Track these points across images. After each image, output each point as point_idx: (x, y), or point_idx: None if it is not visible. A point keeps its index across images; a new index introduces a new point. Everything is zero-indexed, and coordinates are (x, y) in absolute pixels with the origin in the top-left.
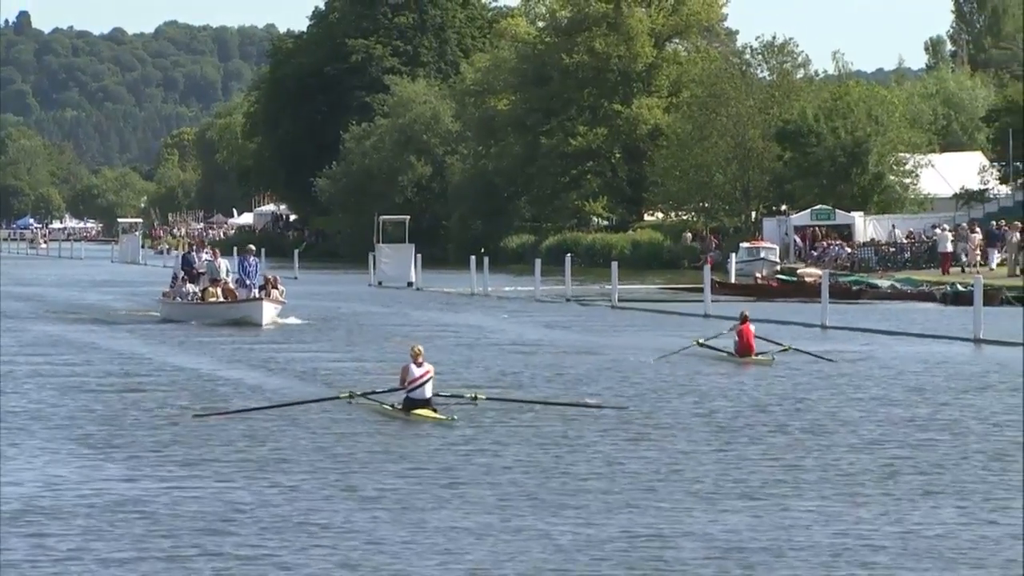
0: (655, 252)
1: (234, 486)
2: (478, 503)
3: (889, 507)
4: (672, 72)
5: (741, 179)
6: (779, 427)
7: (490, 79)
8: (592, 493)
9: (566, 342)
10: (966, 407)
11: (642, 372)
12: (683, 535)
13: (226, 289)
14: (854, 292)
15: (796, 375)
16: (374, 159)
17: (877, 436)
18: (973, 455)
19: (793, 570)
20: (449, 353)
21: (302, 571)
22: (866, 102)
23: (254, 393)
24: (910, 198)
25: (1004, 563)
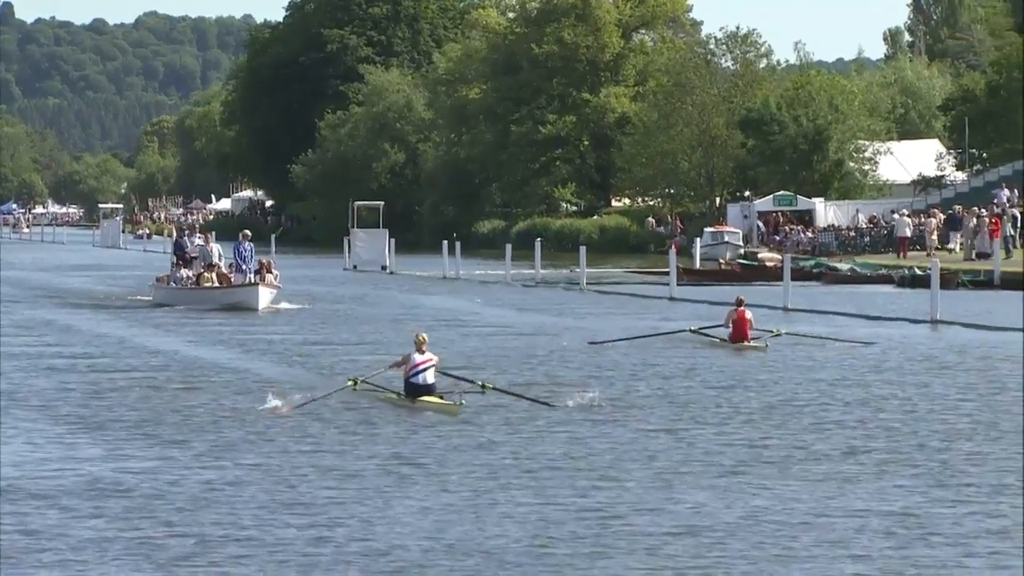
0: (622, 237)
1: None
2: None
3: (847, 485)
4: (639, 62)
5: (705, 166)
6: (767, 409)
7: (462, 68)
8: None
9: (538, 324)
10: (923, 387)
11: (637, 359)
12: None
13: (220, 274)
14: (815, 275)
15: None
16: (349, 146)
17: (840, 417)
18: (935, 435)
19: (756, 546)
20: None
21: (288, 549)
22: (827, 91)
23: (259, 378)
24: (869, 184)
25: (958, 537)
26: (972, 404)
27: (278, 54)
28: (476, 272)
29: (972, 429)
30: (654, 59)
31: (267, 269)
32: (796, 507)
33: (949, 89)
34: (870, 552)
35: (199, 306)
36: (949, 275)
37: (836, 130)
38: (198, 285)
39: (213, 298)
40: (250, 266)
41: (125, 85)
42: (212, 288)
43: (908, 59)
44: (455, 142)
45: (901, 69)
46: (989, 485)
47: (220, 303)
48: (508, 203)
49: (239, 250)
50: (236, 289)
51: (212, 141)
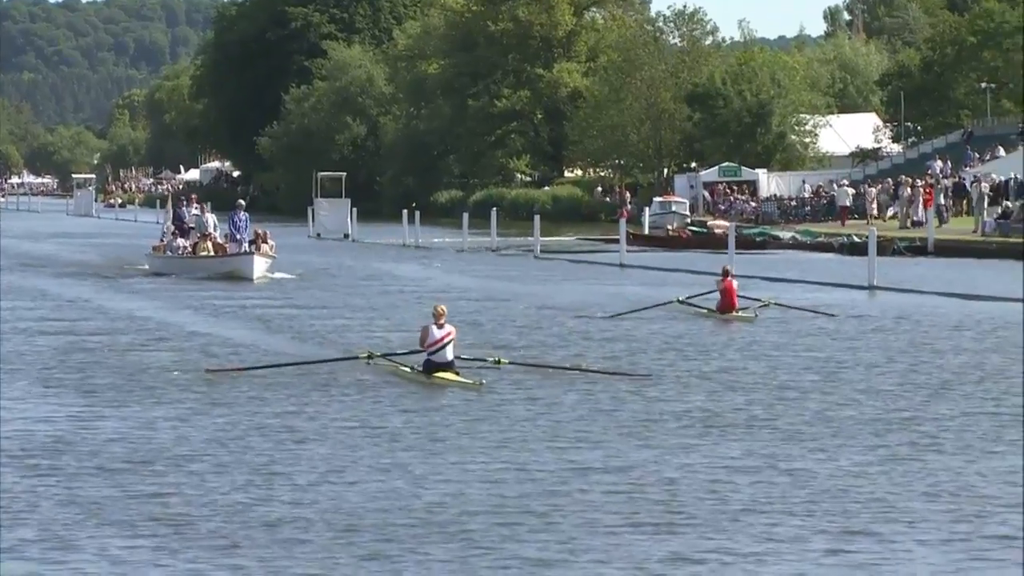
0: (575, 206)
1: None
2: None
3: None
4: (590, 39)
5: (654, 138)
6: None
7: (421, 45)
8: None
9: (509, 292)
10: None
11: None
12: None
13: (216, 243)
14: (758, 243)
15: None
16: (312, 119)
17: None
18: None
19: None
20: (393, 301)
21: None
22: (769, 67)
23: (260, 351)
24: (810, 156)
25: (876, 505)
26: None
27: (244, 31)
28: (434, 240)
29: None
30: (605, 36)
31: (263, 239)
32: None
33: (886, 65)
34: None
35: (195, 275)
36: (885, 242)
37: (778, 104)
38: (194, 254)
39: (208, 267)
40: (245, 236)
41: (97, 60)
42: (208, 257)
43: (847, 36)
44: (414, 116)
45: (840, 46)
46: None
47: (215, 272)
48: (465, 174)
49: (234, 220)
50: (231, 258)
51: (181, 114)
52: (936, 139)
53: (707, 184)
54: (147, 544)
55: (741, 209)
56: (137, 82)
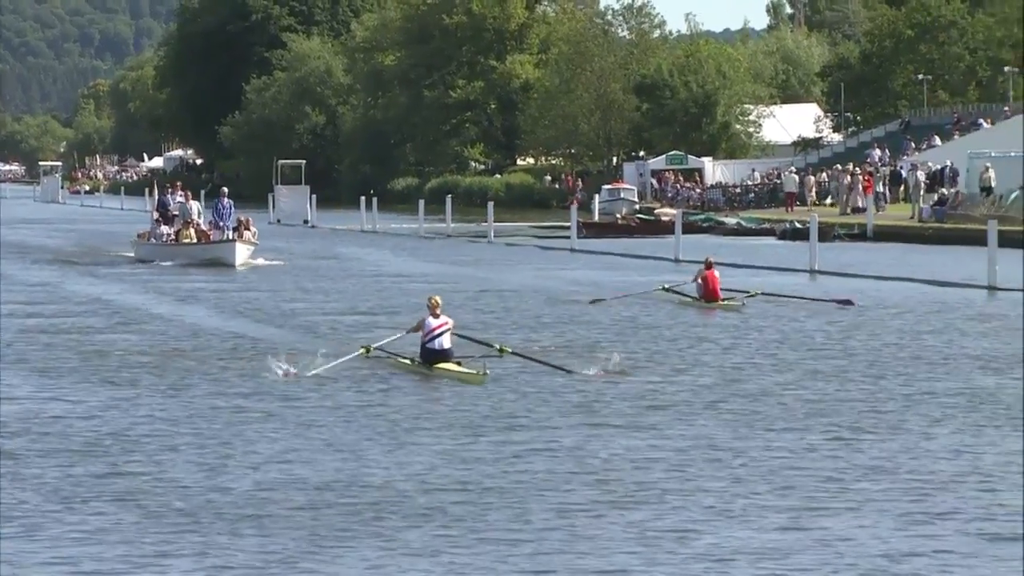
0: (527, 193)
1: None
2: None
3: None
4: (542, 31)
5: (603, 128)
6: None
7: (378, 37)
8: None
9: (475, 278)
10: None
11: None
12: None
13: (199, 230)
14: (704, 229)
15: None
16: (273, 109)
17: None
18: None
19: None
20: (363, 286)
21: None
22: (715, 59)
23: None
24: (754, 145)
25: (835, 492)
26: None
27: (207, 23)
28: (392, 226)
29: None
30: (556, 29)
31: (245, 226)
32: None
33: (826, 57)
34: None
35: (178, 261)
36: (826, 228)
37: (723, 95)
38: (177, 241)
39: (192, 254)
40: (228, 223)
41: (63, 51)
42: (191, 244)
43: (789, 29)
44: (372, 105)
45: (782, 39)
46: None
47: (198, 258)
48: (421, 162)
49: (218, 207)
50: (214, 245)
51: (145, 104)
52: (875, 129)
53: (655, 172)
54: (111, 524)
55: (687, 196)
56: (102, 72)
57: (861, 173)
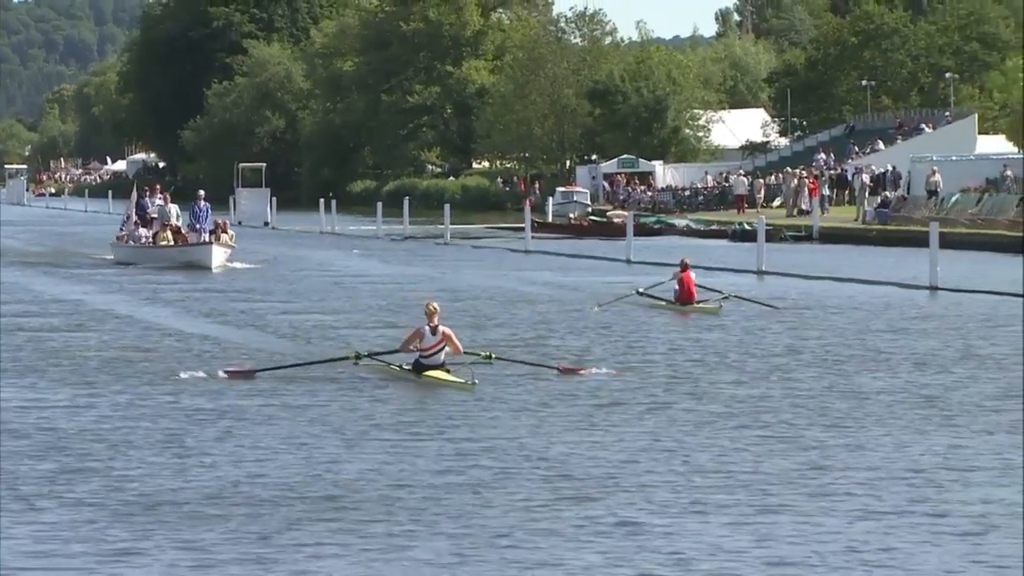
0: (483, 196)
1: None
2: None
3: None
4: (497, 38)
5: (557, 132)
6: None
7: (337, 43)
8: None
9: (427, 277)
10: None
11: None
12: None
13: (176, 233)
14: (655, 230)
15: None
16: (234, 113)
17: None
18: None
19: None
20: (327, 289)
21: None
22: (665, 65)
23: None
24: (703, 149)
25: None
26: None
27: (169, 29)
28: (350, 228)
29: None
30: (510, 36)
31: (223, 229)
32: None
33: (773, 64)
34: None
35: (156, 264)
36: (773, 230)
37: (673, 100)
38: (155, 244)
39: (169, 256)
40: (205, 225)
41: (28, 57)
42: (168, 247)
43: (737, 37)
44: (331, 110)
45: (731, 46)
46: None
47: (176, 261)
48: (379, 165)
49: (195, 210)
50: (191, 248)
51: (108, 108)
52: (820, 133)
53: (607, 175)
54: (68, 520)
55: (639, 199)
56: (67, 78)
57: (807, 176)
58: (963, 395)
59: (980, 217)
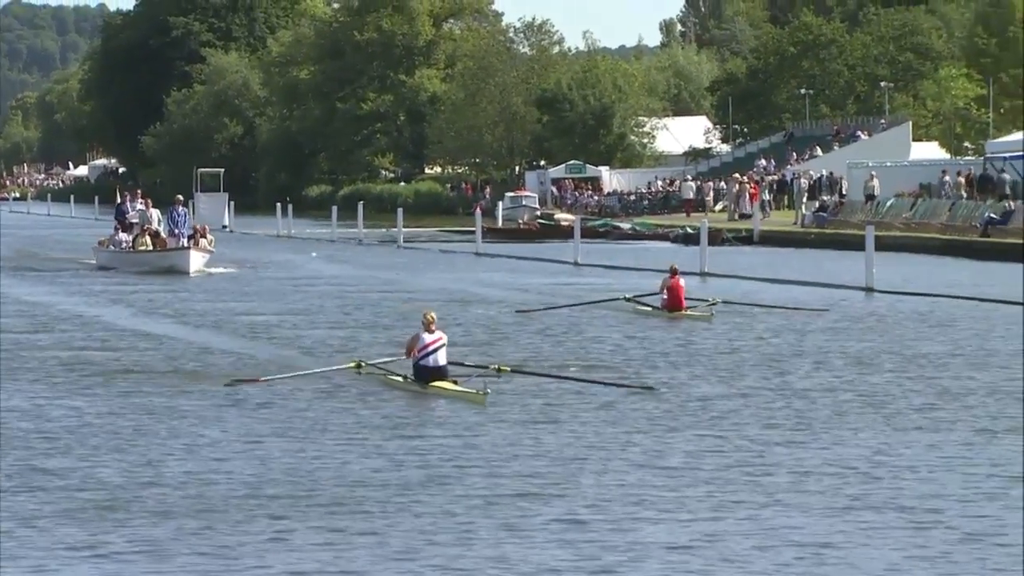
0: (435, 200)
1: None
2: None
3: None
4: (448, 47)
5: (507, 139)
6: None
7: (293, 52)
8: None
9: (385, 280)
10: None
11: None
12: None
13: (156, 238)
14: (601, 233)
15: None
16: (193, 120)
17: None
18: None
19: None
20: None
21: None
22: (611, 74)
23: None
24: (648, 155)
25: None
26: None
27: (129, 38)
28: (306, 231)
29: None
30: (461, 45)
31: (201, 234)
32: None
33: (715, 73)
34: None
35: (135, 268)
36: (716, 233)
37: (619, 108)
38: (134, 249)
39: (148, 261)
40: (183, 230)
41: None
42: (146, 252)
43: (680, 47)
44: (287, 117)
45: (674, 55)
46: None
47: (154, 266)
48: (334, 170)
49: (173, 215)
50: (169, 253)
51: (70, 115)
52: (761, 140)
53: (555, 180)
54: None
55: (586, 203)
56: (30, 85)
57: (748, 181)
58: (900, 394)
59: (914, 221)
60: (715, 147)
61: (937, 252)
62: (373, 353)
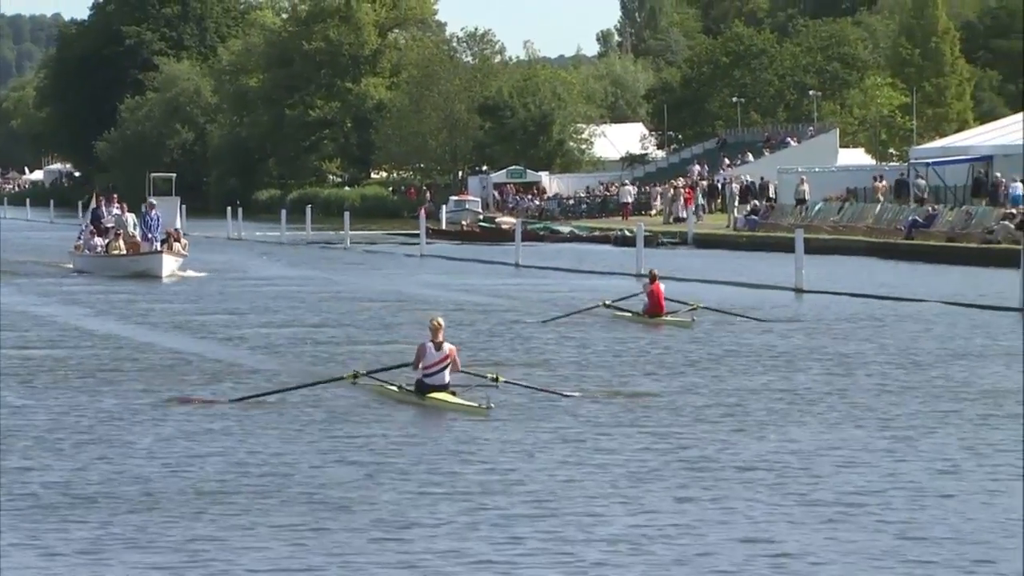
0: (381, 204)
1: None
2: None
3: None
4: (393, 56)
5: (450, 144)
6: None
7: (243, 60)
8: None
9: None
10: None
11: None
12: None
13: (131, 242)
14: (541, 236)
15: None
16: (146, 126)
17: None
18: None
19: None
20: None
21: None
22: (550, 82)
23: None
24: (586, 160)
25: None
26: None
27: (84, 47)
28: (256, 234)
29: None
30: (406, 54)
31: (175, 238)
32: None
33: (651, 81)
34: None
35: (109, 273)
36: (651, 236)
37: (558, 115)
38: (107, 253)
39: (121, 265)
40: (156, 235)
41: None
42: (120, 256)
43: (617, 56)
44: (237, 123)
45: (611, 64)
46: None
47: (128, 270)
48: (283, 175)
49: (146, 219)
50: (142, 257)
51: (26, 121)
52: (694, 146)
53: (497, 185)
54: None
55: (526, 207)
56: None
57: (683, 186)
58: (832, 390)
59: (841, 224)
60: (651, 153)
61: (863, 254)
62: (335, 353)
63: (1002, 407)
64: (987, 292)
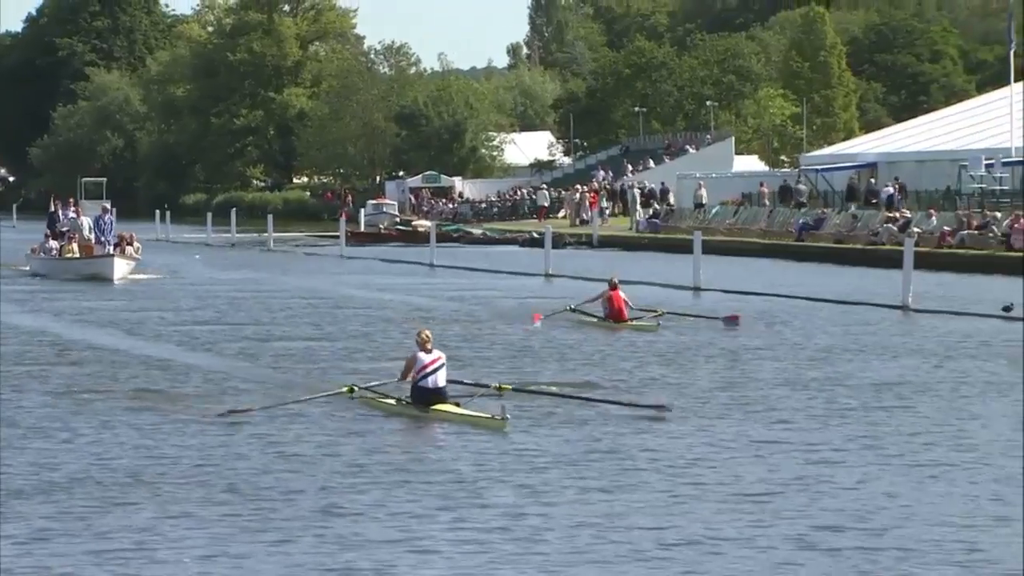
0: (302, 207)
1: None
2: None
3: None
4: (314, 68)
5: (368, 151)
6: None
7: (171, 71)
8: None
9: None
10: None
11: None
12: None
13: (84, 245)
14: (455, 238)
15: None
16: (77, 133)
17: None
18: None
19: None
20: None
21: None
22: (463, 93)
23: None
24: (497, 166)
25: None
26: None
27: (18, 58)
28: (184, 235)
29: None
30: (326, 66)
31: (127, 242)
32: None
33: (558, 92)
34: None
35: (62, 275)
36: (558, 237)
37: (471, 123)
38: (61, 256)
39: (74, 268)
40: (108, 238)
41: None
42: (73, 259)
43: (526, 68)
44: (165, 130)
45: (521, 75)
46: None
47: (80, 273)
48: (209, 180)
49: (99, 223)
50: (94, 260)
51: None
52: (599, 153)
53: (412, 189)
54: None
55: (441, 210)
56: None
57: (588, 191)
58: (744, 385)
59: (736, 227)
60: (558, 159)
61: (757, 255)
62: (288, 348)
63: (882, 399)
64: (873, 291)
